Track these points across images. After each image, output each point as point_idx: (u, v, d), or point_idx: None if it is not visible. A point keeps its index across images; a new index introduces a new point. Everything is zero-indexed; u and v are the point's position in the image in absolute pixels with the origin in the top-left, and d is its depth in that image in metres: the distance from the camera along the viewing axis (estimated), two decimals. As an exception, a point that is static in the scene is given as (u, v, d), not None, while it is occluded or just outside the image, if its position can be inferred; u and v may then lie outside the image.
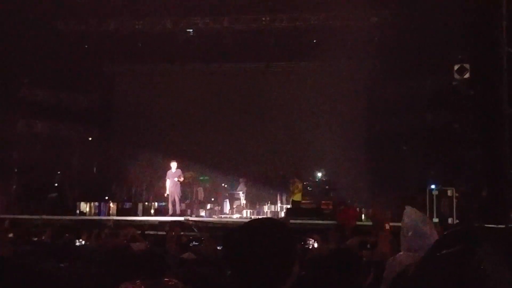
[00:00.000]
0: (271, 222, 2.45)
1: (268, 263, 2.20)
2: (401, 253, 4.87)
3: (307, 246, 11.04)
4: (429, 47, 19.28)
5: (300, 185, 20.12)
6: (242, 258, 2.25)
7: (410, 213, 5.27)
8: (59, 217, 16.98)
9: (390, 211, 7.17)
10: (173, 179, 19.20)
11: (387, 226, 6.43)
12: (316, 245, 9.57)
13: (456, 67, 17.98)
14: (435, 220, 15.38)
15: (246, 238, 2.29)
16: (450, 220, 15.79)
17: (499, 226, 14.00)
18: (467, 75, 17.86)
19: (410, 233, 4.67)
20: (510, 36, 16.19)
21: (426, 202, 16.33)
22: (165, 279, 2.09)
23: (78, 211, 19.90)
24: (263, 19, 22.08)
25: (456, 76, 18.06)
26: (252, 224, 2.44)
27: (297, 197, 19.91)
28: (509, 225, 14.81)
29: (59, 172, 21.83)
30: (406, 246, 4.66)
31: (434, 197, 16.34)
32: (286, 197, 21.40)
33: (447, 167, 18.92)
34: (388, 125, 21.87)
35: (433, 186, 17.60)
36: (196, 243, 11.67)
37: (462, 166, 18.40)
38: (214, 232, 14.56)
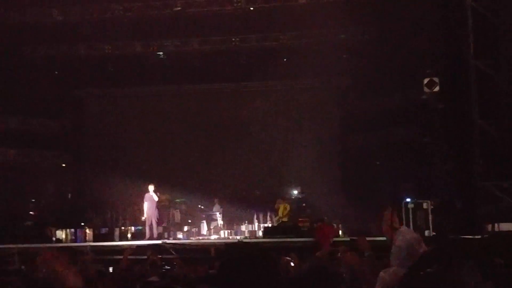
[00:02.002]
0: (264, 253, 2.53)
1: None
2: (394, 267, 4.90)
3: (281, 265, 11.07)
4: (398, 62, 19.55)
5: (288, 206, 20.34)
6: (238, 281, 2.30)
7: (405, 233, 5.31)
8: (35, 245, 16.72)
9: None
10: (150, 201, 19.12)
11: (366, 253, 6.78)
12: (292, 264, 9.61)
13: (425, 81, 18.23)
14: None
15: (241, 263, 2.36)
16: (426, 233, 15.94)
17: (475, 237, 14.22)
18: (436, 89, 18.11)
19: (403, 254, 4.71)
20: (477, 49, 16.50)
21: (402, 215, 16.44)
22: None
23: (54, 239, 19.65)
24: (233, 39, 22.18)
25: (426, 90, 18.31)
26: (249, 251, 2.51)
27: (286, 218, 20.16)
28: (484, 236, 15.00)
29: (33, 200, 21.53)
30: (398, 265, 4.68)
31: (410, 211, 16.48)
32: (263, 216, 21.44)
33: (421, 180, 19.12)
34: (361, 140, 22.09)
35: (408, 200, 17.76)
36: (168, 267, 11.66)
37: (435, 179, 18.61)
38: (192, 254, 14.53)
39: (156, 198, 19.31)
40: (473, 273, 1.98)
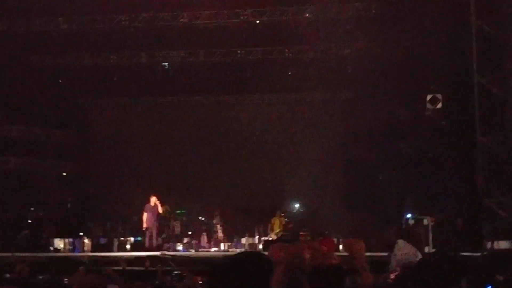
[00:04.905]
0: (254, 255, 2.45)
1: None
2: None
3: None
4: (402, 78, 19.54)
5: (283, 220, 20.35)
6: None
7: (402, 247, 5.30)
8: (32, 254, 16.70)
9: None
10: (151, 212, 19.09)
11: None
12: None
13: (428, 98, 18.21)
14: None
15: (231, 271, 2.28)
16: (426, 249, 15.84)
17: (474, 254, 14.13)
18: (439, 106, 18.10)
19: (399, 268, 4.72)
20: (480, 66, 16.49)
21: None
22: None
23: (52, 248, 19.62)
24: (238, 52, 22.25)
25: (429, 106, 18.29)
26: (236, 257, 2.46)
27: (281, 232, 20.17)
28: (484, 253, 14.91)
29: (32, 208, 21.52)
30: None
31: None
32: (264, 229, 21.36)
33: (423, 196, 19.03)
34: (364, 155, 22.02)
35: (409, 215, 17.70)
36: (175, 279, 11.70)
37: (437, 195, 18.54)
38: (191, 266, 14.49)
39: (160, 210, 19.34)
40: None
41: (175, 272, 13.63)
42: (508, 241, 15.79)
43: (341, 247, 19.16)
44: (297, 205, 23.46)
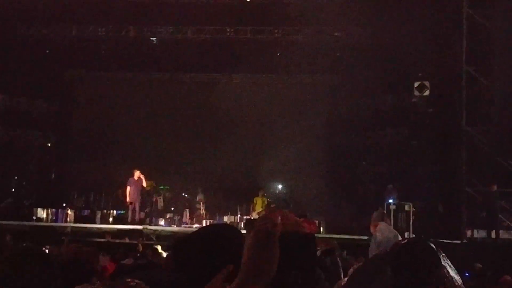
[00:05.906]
0: (223, 227, 2.42)
1: (218, 266, 2.13)
2: None
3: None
4: (390, 64, 19.58)
5: (266, 200, 20.41)
6: (191, 261, 2.22)
7: (384, 230, 5.31)
8: (15, 222, 16.66)
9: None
10: (134, 186, 19.03)
11: None
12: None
13: (416, 84, 18.28)
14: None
15: (197, 243, 2.26)
16: (406, 235, 15.99)
17: (454, 241, 14.31)
18: (426, 93, 18.18)
19: (381, 249, 4.73)
20: (469, 55, 16.57)
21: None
22: (127, 280, 2.06)
23: (34, 217, 19.56)
24: (227, 30, 22.13)
25: (416, 93, 18.37)
26: (203, 229, 2.41)
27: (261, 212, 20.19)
28: (464, 241, 15.12)
29: (16, 177, 21.37)
30: None
31: (392, 211, 16.54)
32: (246, 208, 21.44)
33: (405, 182, 19.19)
34: (349, 139, 22.12)
35: (390, 201, 17.83)
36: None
37: (419, 182, 18.69)
38: (172, 242, 14.55)
39: (145, 184, 19.29)
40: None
41: (155, 246, 13.69)
42: (485, 231, 16.02)
43: (322, 229, 19.42)
44: (279, 186, 23.54)
